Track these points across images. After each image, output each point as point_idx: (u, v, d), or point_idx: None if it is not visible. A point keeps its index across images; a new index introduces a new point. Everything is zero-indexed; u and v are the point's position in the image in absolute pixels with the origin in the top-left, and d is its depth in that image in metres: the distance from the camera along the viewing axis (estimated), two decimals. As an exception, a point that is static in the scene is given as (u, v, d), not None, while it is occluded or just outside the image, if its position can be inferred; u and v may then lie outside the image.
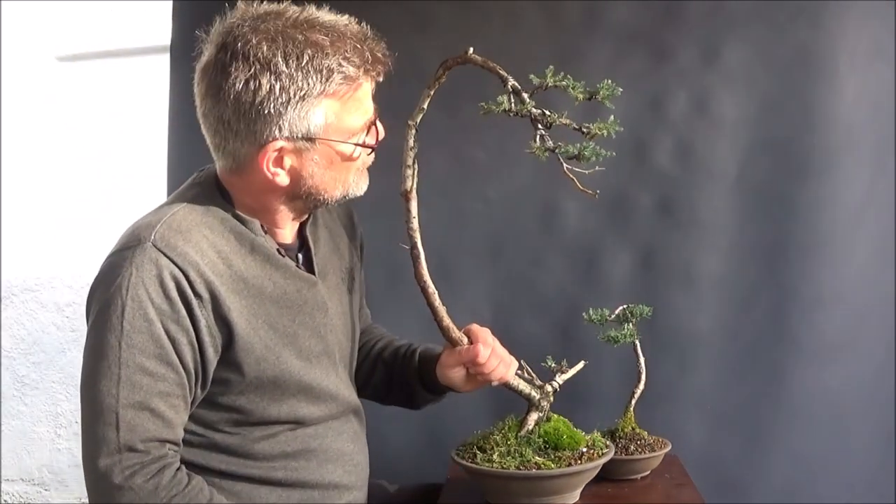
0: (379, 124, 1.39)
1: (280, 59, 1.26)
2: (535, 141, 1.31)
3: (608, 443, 1.49)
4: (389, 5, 2.22)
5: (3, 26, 3.34)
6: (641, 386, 1.67)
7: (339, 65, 1.28)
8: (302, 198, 1.38)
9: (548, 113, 1.30)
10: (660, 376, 1.63)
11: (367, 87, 1.34)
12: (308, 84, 1.27)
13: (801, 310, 2.15)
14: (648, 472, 1.65)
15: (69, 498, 3.40)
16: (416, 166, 1.38)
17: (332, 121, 1.31)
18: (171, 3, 2.35)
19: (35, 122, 3.42)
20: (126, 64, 3.40)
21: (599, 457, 1.42)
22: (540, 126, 1.31)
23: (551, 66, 1.29)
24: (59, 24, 3.36)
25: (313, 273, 1.45)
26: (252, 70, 1.26)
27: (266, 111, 1.27)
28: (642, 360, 1.67)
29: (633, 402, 1.67)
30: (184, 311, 1.26)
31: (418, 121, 1.37)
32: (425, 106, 1.37)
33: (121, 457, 1.21)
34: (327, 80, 1.28)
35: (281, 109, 1.27)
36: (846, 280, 2.15)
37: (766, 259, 2.16)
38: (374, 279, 2.09)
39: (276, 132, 1.29)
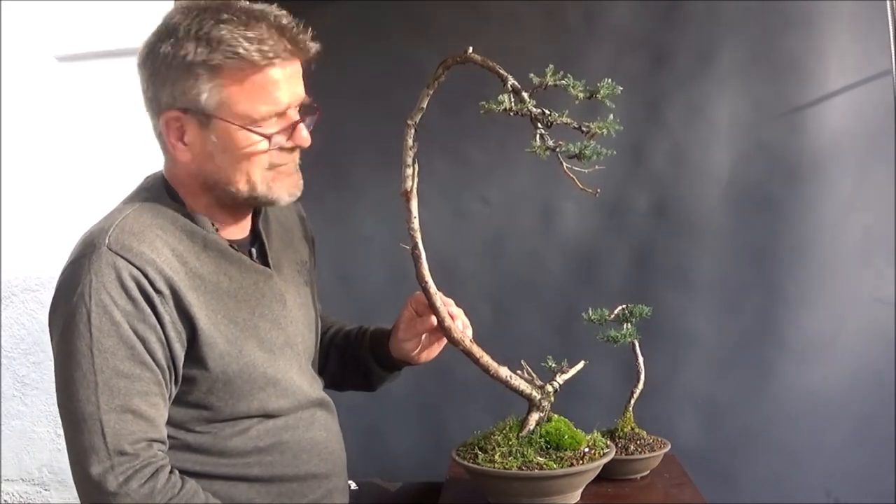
0: (303, 129, 1.35)
1: (182, 27, 1.27)
2: (535, 140, 1.31)
3: (609, 443, 1.49)
4: (389, 6, 2.23)
5: (3, 26, 3.33)
6: (640, 385, 1.67)
7: (234, 39, 1.25)
8: (212, 187, 1.36)
9: (548, 112, 1.30)
10: (653, 373, 1.65)
11: (274, 75, 1.29)
12: (196, 52, 1.26)
13: (788, 309, 2.22)
14: (648, 472, 1.66)
15: (69, 498, 3.39)
16: (416, 166, 1.38)
17: (225, 100, 1.29)
18: (169, 3, 2.35)
19: (35, 122, 3.42)
20: (126, 64, 3.38)
21: (601, 457, 1.42)
22: (540, 125, 1.31)
23: (551, 65, 1.30)
24: (59, 24, 3.35)
25: (268, 266, 1.45)
26: (160, 35, 1.29)
27: (162, 76, 1.28)
28: (641, 359, 1.68)
29: (633, 401, 1.68)
30: (148, 310, 1.26)
31: (417, 120, 1.37)
32: (424, 105, 1.36)
33: (112, 462, 1.21)
34: (213, 50, 1.26)
35: (171, 75, 1.28)
36: (830, 281, 2.22)
37: (755, 260, 2.22)
38: (376, 279, 2.10)
39: (171, 100, 1.30)
